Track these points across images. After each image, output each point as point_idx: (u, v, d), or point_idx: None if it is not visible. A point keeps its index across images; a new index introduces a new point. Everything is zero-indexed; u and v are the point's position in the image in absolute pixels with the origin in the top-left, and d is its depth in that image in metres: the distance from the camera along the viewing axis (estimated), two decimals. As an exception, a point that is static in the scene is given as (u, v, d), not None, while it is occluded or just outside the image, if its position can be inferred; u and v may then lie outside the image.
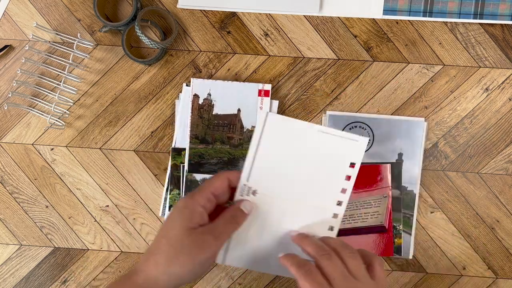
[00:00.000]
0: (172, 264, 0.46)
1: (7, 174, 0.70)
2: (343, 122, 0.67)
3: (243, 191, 0.54)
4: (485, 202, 0.68)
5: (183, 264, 0.46)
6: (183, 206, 0.49)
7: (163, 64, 0.69)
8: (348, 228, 0.67)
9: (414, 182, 0.67)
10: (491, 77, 0.68)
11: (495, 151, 0.68)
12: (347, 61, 0.68)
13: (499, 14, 0.67)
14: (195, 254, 0.47)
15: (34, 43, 0.69)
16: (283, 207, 0.55)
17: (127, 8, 0.70)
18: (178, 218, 0.48)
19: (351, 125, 0.67)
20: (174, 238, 0.47)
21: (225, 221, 0.50)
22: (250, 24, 0.69)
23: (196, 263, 0.47)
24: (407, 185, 0.67)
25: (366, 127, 0.67)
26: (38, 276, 0.70)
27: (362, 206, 0.67)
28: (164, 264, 0.46)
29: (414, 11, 0.67)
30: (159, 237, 0.48)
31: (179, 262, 0.46)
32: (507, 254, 0.68)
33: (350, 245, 0.49)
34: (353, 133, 0.53)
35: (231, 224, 0.50)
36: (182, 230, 0.47)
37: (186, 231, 0.47)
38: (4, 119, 0.70)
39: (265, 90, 0.67)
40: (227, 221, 0.50)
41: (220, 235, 0.49)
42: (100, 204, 0.70)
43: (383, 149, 0.67)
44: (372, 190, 0.67)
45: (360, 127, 0.67)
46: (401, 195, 0.67)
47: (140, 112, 0.69)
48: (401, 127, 0.67)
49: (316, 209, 0.55)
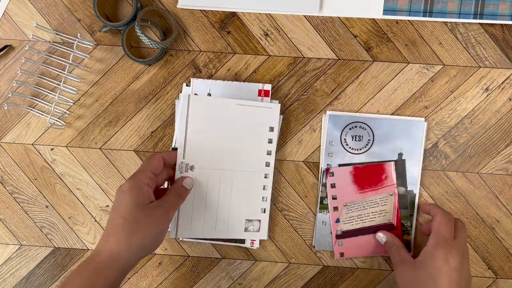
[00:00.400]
0: (132, 238, 0.52)
1: (7, 174, 0.70)
2: (343, 122, 0.67)
3: (182, 168, 0.63)
4: (485, 202, 0.68)
5: (142, 237, 0.53)
6: (130, 187, 0.54)
7: (163, 64, 0.69)
8: (357, 229, 0.67)
9: (414, 182, 0.67)
10: (491, 77, 0.68)
11: (495, 151, 0.68)
12: (347, 61, 0.68)
13: (499, 14, 0.67)
14: (152, 226, 0.53)
15: (34, 43, 0.69)
16: (220, 177, 0.64)
17: (127, 8, 0.70)
18: (128, 198, 0.54)
19: (351, 125, 0.67)
20: (130, 215, 0.53)
21: (171, 197, 0.58)
22: (250, 24, 0.69)
23: (153, 234, 0.54)
24: (407, 185, 0.67)
25: (366, 127, 0.67)
26: (38, 276, 0.70)
27: (369, 206, 0.67)
28: (125, 239, 0.52)
29: (414, 11, 0.68)
30: (114, 218, 0.53)
31: (139, 235, 0.52)
32: (507, 254, 0.68)
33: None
34: (265, 103, 0.65)
35: (177, 200, 0.59)
36: (135, 208, 0.53)
37: (139, 208, 0.53)
38: (4, 119, 0.70)
39: (265, 90, 0.67)
40: (173, 197, 0.58)
41: (170, 209, 0.57)
42: (100, 204, 0.70)
43: (383, 149, 0.67)
44: (378, 189, 0.67)
45: (360, 127, 0.67)
46: (406, 192, 0.67)
47: (140, 112, 0.69)
48: (401, 127, 0.67)
49: (249, 173, 0.65)
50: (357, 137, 0.67)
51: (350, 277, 0.69)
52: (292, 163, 0.68)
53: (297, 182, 0.68)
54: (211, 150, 0.64)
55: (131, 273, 0.70)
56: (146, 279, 0.70)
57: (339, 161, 0.67)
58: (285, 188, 0.68)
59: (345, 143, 0.67)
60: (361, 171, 0.67)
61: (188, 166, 0.63)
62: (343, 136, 0.67)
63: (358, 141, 0.67)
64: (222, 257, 0.69)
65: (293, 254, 0.69)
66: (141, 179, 0.56)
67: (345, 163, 0.67)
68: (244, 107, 0.64)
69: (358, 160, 0.67)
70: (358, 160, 0.67)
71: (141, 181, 0.55)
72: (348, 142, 0.67)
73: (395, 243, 0.63)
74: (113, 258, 0.52)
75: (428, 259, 0.57)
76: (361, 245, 0.67)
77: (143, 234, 0.53)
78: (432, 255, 0.57)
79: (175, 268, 0.69)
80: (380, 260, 0.68)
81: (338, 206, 0.67)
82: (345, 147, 0.67)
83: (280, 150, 0.68)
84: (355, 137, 0.67)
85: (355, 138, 0.67)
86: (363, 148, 0.67)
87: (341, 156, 0.67)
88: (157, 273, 0.70)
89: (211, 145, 0.64)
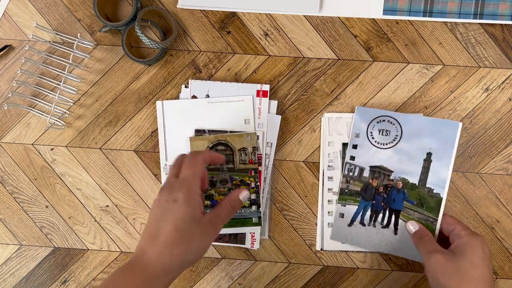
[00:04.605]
0: (186, 253, 0.51)
1: (7, 174, 0.70)
2: (371, 115, 0.66)
3: (166, 170, 0.67)
4: (485, 202, 0.68)
5: (195, 251, 0.51)
6: (185, 199, 0.52)
7: (163, 64, 0.69)
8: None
9: (442, 184, 0.65)
10: (491, 77, 0.68)
11: (495, 151, 0.68)
12: (347, 61, 0.68)
13: (499, 14, 0.67)
14: (204, 242, 0.52)
15: (34, 43, 0.69)
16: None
17: (127, 8, 0.70)
18: (184, 210, 0.51)
19: (378, 118, 0.66)
20: (185, 230, 0.51)
21: (225, 211, 0.55)
22: (250, 24, 0.69)
23: (203, 249, 0.53)
24: (433, 187, 0.65)
25: (395, 122, 0.65)
26: (38, 276, 0.70)
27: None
28: (180, 254, 0.50)
29: (414, 11, 0.67)
30: (169, 229, 0.51)
31: (193, 250, 0.51)
32: (507, 254, 0.68)
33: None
34: (237, 96, 0.66)
35: (229, 214, 0.56)
36: (191, 222, 0.51)
37: (194, 222, 0.51)
38: (4, 119, 0.70)
39: (264, 91, 0.67)
40: (227, 211, 0.55)
41: (221, 223, 0.54)
42: (100, 204, 0.70)
43: (411, 146, 0.65)
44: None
45: (389, 121, 0.66)
46: (430, 194, 0.65)
47: (140, 112, 0.69)
48: (433, 126, 0.65)
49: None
50: (384, 132, 0.65)
51: (350, 277, 0.69)
52: (292, 163, 0.68)
53: (297, 182, 0.68)
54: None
55: (131, 273, 0.70)
56: (146, 279, 0.70)
57: (364, 155, 0.66)
58: (285, 188, 0.68)
59: (371, 136, 0.66)
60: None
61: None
62: (369, 130, 0.66)
63: (385, 135, 0.66)
64: (222, 257, 0.69)
65: (293, 254, 0.69)
66: (195, 189, 0.53)
67: (369, 157, 0.66)
68: (216, 104, 0.66)
69: (384, 156, 0.66)
70: (384, 156, 0.66)
71: (196, 192, 0.53)
72: (374, 136, 0.66)
73: (428, 234, 0.62)
74: (165, 272, 0.50)
75: (467, 248, 0.57)
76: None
77: (195, 250, 0.51)
78: (470, 244, 0.57)
79: (175, 268, 0.69)
80: (380, 260, 0.68)
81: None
82: (371, 141, 0.66)
83: (280, 150, 0.68)
84: (382, 131, 0.65)
85: (382, 133, 0.66)
86: (389, 143, 0.65)
87: (366, 149, 0.66)
88: (157, 273, 0.70)
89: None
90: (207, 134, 0.67)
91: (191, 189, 0.52)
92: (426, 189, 0.65)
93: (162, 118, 0.67)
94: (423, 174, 0.65)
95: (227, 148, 0.66)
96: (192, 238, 0.51)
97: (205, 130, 0.67)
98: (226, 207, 0.55)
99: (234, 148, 0.66)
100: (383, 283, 0.69)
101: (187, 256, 0.51)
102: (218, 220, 0.54)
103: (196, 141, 0.66)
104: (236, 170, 0.66)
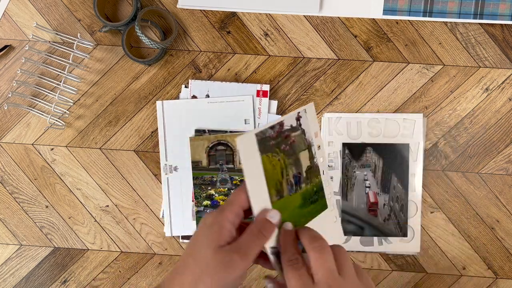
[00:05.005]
0: (197, 285, 0.44)
1: (7, 174, 0.70)
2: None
3: (166, 170, 0.67)
4: (485, 202, 0.68)
5: (208, 286, 0.44)
6: (212, 222, 0.45)
7: (163, 64, 0.69)
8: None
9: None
10: (491, 77, 0.68)
11: (495, 151, 0.68)
12: (347, 61, 0.68)
13: (499, 14, 0.67)
14: (221, 275, 0.44)
15: (34, 43, 0.69)
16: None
17: (127, 8, 0.70)
18: (206, 235, 0.45)
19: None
20: (201, 257, 0.45)
21: (251, 237, 0.46)
22: (250, 24, 0.69)
23: (221, 285, 0.44)
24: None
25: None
26: (38, 276, 0.70)
27: None
28: (189, 285, 0.44)
29: (414, 11, 0.67)
30: (186, 256, 0.45)
31: (204, 283, 0.44)
32: (507, 254, 0.68)
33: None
34: (237, 96, 0.66)
35: (258, 240, 0.46)
36: (209, 249, 0.44)
37: (213, 250, 0.44)
38: (4, 119, 0.70)
39: (263, 91, 0.67)
40: (253, 236, 0.46)
41: (247, 253, 0.45)
42: (100, 204, 0.70)
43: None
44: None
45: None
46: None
47: (140, 112, 0.69)
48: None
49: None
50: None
51: (350, 277, 0.69)
52: (292, 163, 0.68)
53: (297, 182, 0.68)
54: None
55: (131, 273, 0.70)
56: (146, 279, 0.70)
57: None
58: (285, 188, 0.68)
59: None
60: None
61: (172, 167, 0.67)
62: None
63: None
64: (222, 257, 0.69)
65: (293, 254, 0.69)
66: (227, 214, 0.45)
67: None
68: (215, 104, 0.67)
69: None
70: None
71: (226, 218, 0.45)
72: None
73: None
74: None
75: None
76: None
77: (209, 283, 0.43)
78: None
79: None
80: (380, 260, 0.68)
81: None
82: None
83: (280, 150, 0.68)
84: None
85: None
86: None
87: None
88: (157, 273, 0.70)
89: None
90: (207, 134, 0.67)
91: (221, 213, 0.46)
92: None
93: (162, 118, 0.67)
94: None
95: (227, 148, 0.66)
96: (206, 269, 0.44)
97: (205, 130, 0.67)
98: (251, 231, 0.46)
99: (234, 148, 0.66)
100: (383, 283, 0.68)
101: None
102: (243, 247, 0.45)
103: (196, 141, 0.66)
104: (236, 170, 0.66)
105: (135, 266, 0.70)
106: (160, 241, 0.69)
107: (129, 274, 0.70)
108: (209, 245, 0.44)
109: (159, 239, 0.69)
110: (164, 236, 0.69)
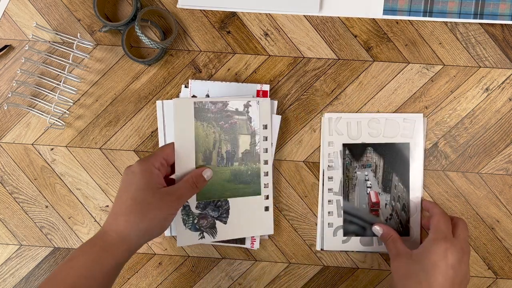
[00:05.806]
0: (142, 220, 0.52)
1: (7, 174, 0.70)
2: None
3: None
4: (485, 202, 0.68)
5: (152, 220, 0.52)
6: (141, 169, 0.54)
7: (163, 64, 0.69)
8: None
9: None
10: (491, 77, 0.68)
11: (495, 151, 0.68)
12: (347, 61, 0.68)
13: (499, 14, 0.67)
14: (162, 210, 0.53)
15: (34, 43, 0.69)
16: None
17: (127, 8, 0.70)
18: (139, 179, 0.53)
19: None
20: (141, 197, 0.52)
21: (187, 185, 0.57)
22: (250, 24, 0.69)
23: (162, 219, 0.53)
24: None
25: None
26: (38, 276, 0.70)
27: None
28: (134, 221, 0.52)
29: (414, 11, 0.67)
30: (124, 199, 0.53)
31: (149, 218, 0.52)
32: (507, 254, 0.68)
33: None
34: (241, 95, 0.65)
35: (192, 189, 0.57)
36: (146, 190, 0.53)
37: (151, 191, 0.53)
38: (4, 119, 0.70)
39: (264, 91, 0.67)
40: (189, 185, 0.57)
41: (182, 196, 0.56)
42: (100, 204, 0.70)
43: None
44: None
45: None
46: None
47: (140, 112, 0.69)
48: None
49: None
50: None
51: (350, 277, 0.69)
52: (292, 163, 0.68)
53: (297, 182, 0.68)
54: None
55: (131, 273, 0.70)
56: (146, 279, 0.70)
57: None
58: (285, 188, 0.68)
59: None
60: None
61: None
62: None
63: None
64: (222, 257, 0.69)
65: (293, 254, 0.69)
66: (152, 162, 0.55)
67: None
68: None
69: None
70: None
71: (152, 165, 0.55)
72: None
73: (391, 235, 0.62)
74: (121, 239, 0.52)
75: (425, 253, 0.55)
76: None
77: (152, 218, 0.52)
78: (430, 249, 0.55)
79: (175, 268, 0.69)
80: (380, 260, 0.68)
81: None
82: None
83: (280, 150, 0.68)
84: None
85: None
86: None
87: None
88: (157, 273, 0.70)
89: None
90: None
91: (148, 162, 0.55)
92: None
93: (162, 118, 0.67)
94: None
95: (227, 148, 0.67)
96: (148, 206, 0.52)
97: None
98: (188, 182, 0.57)
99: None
100: (383, 283, 0.69)
101: (143, 224, 0.52)
102: (177, 192, 0.55)
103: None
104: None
105: (135, 266, 0.70)
106: (160, 241, 0.69)
107: (129, 274, 0.70)
108: (146, 187, 0.53)
109: (159, 239, 0.69)
110: (164, 236, 0.69)
